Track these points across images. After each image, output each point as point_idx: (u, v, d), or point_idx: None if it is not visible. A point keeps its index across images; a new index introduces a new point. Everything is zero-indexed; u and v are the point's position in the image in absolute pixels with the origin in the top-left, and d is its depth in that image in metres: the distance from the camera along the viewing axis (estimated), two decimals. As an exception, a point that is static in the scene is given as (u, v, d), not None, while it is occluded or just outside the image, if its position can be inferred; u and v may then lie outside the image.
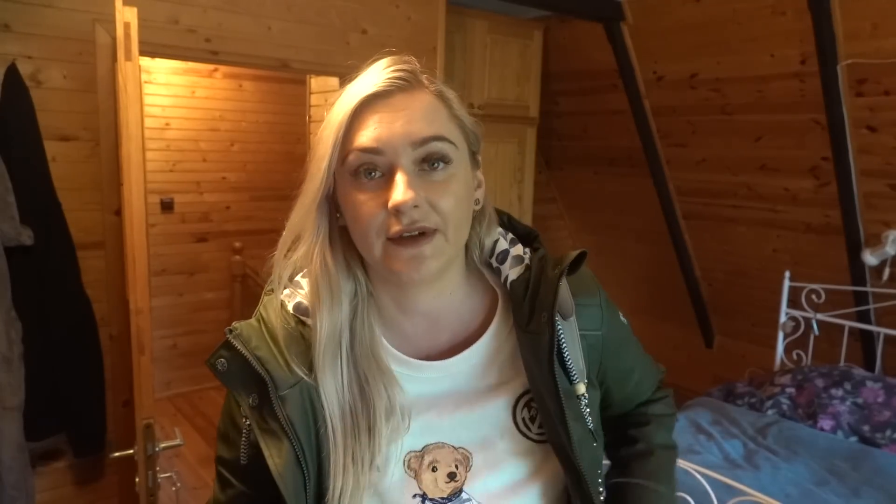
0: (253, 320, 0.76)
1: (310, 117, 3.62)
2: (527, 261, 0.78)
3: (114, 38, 1.97)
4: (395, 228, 0.66)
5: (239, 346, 0.72)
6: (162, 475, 1.56)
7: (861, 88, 2.62)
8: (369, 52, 0.71)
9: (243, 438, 0.75)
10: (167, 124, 4.14)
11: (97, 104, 2.04)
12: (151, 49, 2.13)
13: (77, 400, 2.07)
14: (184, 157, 4.25)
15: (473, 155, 0.76)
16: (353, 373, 0.72)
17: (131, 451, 1.54)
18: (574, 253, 0.74)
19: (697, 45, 3.04)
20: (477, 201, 0.77)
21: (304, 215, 0.72)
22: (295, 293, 0.76)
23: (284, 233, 0.74)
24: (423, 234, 0.67)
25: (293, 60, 2.45)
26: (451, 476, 0.73)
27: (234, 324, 0.75)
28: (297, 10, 2.42)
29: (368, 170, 0.68)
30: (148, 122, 4.00)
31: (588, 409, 0.75)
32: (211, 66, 4.16)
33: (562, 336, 0.73)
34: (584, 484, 0.73)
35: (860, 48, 2.53)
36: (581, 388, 0.74)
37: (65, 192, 2.01)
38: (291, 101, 4.49)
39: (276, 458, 0.70)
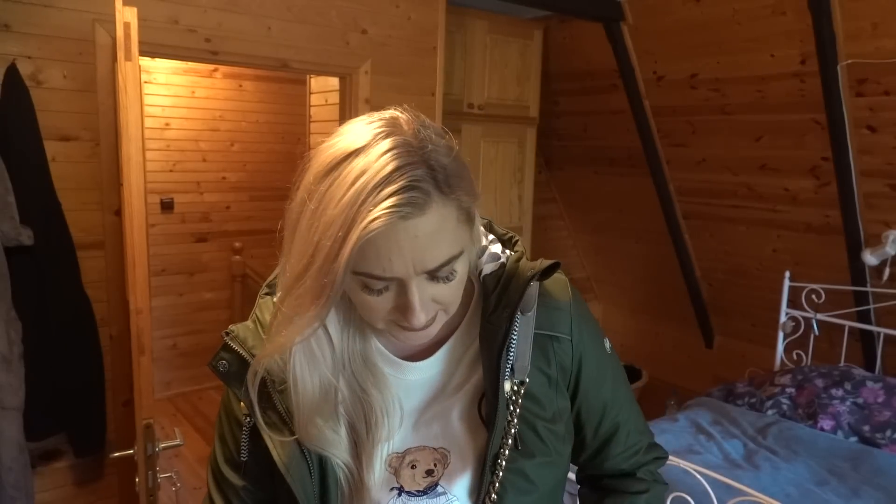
0: (249, 322, 0.79)
1: (310, 117, 3.63)
2: (503, 259, 0.81)
3: (114, 38, 1.97)
4: (406, 330, 0.69)
5: (236, 347, 0.76)
6: (162, 475, 1.56)
7: (861, 88, 2.62)
8: (369, 52, 0.70)
9: (244, 434, 0.78)
10: (167, 124, 4.15)
11: (97, 104, 2.04)
12: (151, 49, 2.13)
13: (77, 400, 2.07)
14: (184, 157, 4.26)
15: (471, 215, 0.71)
16: (348, 391, 0.75)
17: (131, 451, 1.54)
18: (548, 262, 0.77)
19: (697, 45, 3.04)
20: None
21: (309, 324, 0.66)
22: None
23: (281, 321, 0.67)
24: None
25: (293, 60, 2.45)
26: (429, 472, 0.75)
27: (231, 326, 0.78)
28: (297, 10, 2.42)
29: (378, 286, 0.66)
30: (148, 122, 4.00)
31: (519, 410, 0.75)
32: (211, 66, 4.17)
33: (515, 330, 0.75)
34: (482, 480, 0.73)
35: (860, 48, 2.53)
36: (507, 385, 0.74)
37: (65, 192, 2.01)
38: (291, 101, 4.50)
39: (279, 449, 0.73)
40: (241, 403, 0.77)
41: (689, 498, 1.68)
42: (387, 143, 0.62)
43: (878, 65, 2.51)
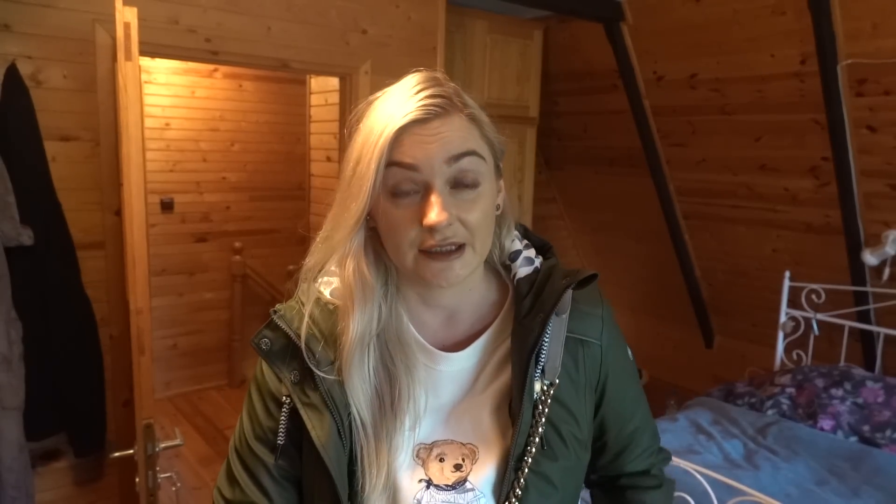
0: (293, 302, 0.81)
1: (310, 117, 3.62)
2: (537, 264, 0.84)
3: (114, 38, 1.97)
4: (429, 243, 0.72)
5: (283, 326, 0.78)
6: (162, 475, 1.56)
7: (861, 88, 2.62)
8: (369, 52, 0.72)
9: (283, 412, 0.78)
10: (167, 124, 4.15)
11: (97, 104, 2.04)
12: (151, 49, 2.13)
13: (77, 400, 2.07)
14: (184, 157, 4.26)
15: (497, 167, 0.80)
16: (379, 356, 0.77)
17: (131, 451, 1.54)
18: (587, 271, 0.79)
19: (697, 45, 3.04)
20: (498, 206, 0.80)
21: (347, 234, 0.75)
22: (331, 281, 0.81)
23: (321, 247, 0.78)
24: (453, 250, 0.72)
25: (293, 60, 2.45)
26: (457, 467, 0.76)
27: (278, 305, 0.82)
28: (297, 10, 2.42)
29: (405, 189, 0.71)
30: (148, 122, 4.00)
31: (547, 411, 0.76)
32: (211, 66, 4.16)
33: (547, 333, 0.77)
34: (506, 478, 0.74)
35: (860, 48, 2.53)
36: (537, 386, 0.76)
37: (65, 192, 2.01)
38: (291, 101, 4.50)
39: (318, 430, 0.75)
40: (281, 382, 0.78)
41: (689, 498, 1.68)
42: (417, 76, 0.75)
43: (878, 65, 2.51)
